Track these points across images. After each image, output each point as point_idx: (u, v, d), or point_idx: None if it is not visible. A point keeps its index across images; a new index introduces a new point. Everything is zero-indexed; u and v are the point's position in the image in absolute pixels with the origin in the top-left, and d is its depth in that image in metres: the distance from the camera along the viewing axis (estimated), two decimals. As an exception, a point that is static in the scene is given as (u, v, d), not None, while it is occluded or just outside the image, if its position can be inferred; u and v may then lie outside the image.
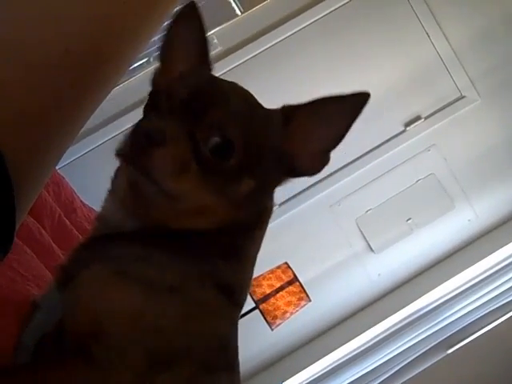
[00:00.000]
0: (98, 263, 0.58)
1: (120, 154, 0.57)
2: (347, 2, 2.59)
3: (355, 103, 0.63)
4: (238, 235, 0.65)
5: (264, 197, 0.67)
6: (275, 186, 0.68)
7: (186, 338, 0.57)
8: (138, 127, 0.57)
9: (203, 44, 0.70)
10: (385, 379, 2.29)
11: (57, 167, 0.58)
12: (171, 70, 0.68)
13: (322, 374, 2.51)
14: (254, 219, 0.67)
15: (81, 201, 1.35)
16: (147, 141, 0.55)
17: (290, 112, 0.66)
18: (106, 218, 0.66)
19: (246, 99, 0.65)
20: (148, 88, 0.68)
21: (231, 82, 0.67)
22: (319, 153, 0.66)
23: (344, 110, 0.64)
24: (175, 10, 0.64)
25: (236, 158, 0.59)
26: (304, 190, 2.59)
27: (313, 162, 0.66)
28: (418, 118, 2.68)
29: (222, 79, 0.67)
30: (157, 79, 0.68)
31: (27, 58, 0.43)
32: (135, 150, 0.55)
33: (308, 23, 2.60)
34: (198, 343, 0.58)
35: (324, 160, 0.66)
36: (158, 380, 0.54)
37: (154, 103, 0.62)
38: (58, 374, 0.52)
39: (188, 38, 0.68)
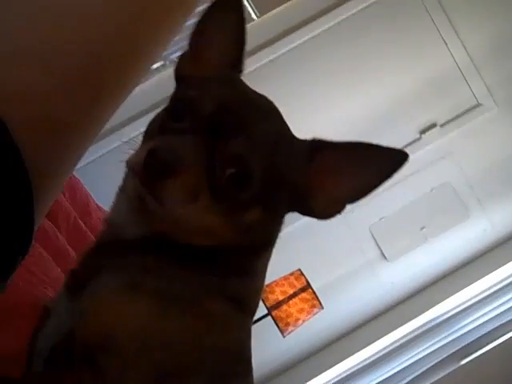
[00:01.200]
0: (109, 273, 0.58)
1: (131, 167, 0.55)
2: (364, 8, 2.58)
3: (392, 161, 0.57)
4: (246, 255, 0.63)
5: (270, 224, 0.64)
6: (283, 216, 0.64)
7: (196, 352, 0.56)
8: (155, 146, 0.53)
9: (239, 43, 0.65)
10: (397, 389, 2.28)
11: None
12: (200, 62, 0.64)
13: (334, 383, 2.50)
14: (263, 240, 0.64)
15: (96, 203, 1.35)
16: (163, 166, 0.52)
17: (318, 147, 0.61)
18: (114, 220, 0.65)
19: (275, 123, 0.61)
20: (163, 92, 0.66)
21: (261, 98, 0.63)
22: (336, 200, 0.61)
23: (378, 164, 0.58)
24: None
25: (252, 190, 0.57)
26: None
27: (326, 208, 0.61)
28: (433, 126, 2.66)
29: (252, 92, 0.63)
30: (182, 67, 0.65)
31: (48, 61, 0.43)
32: (149, 171, 0.53)
33: (324, 29, 2.59)
34: (209, 355, 0.57)
35: (339, 209, 0.61)
36: None
37: (178, 111, 0.58)
38: None
39: (225, 30, 0.64)
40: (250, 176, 0.56)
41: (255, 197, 0.57)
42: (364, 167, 0.59)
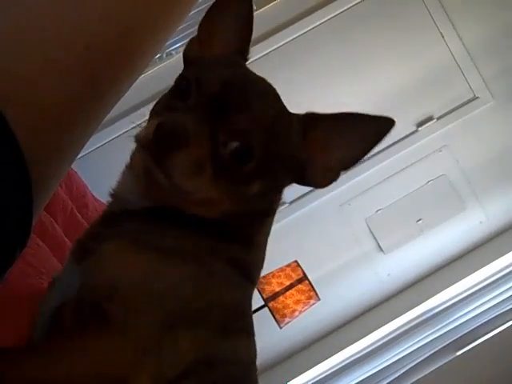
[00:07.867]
0: (113, 237, 0.60)
1: (139, 141, 0.58)
2: (360, 1, 2.58)
3: (380, 128, 0.62)
4: (248, 223, 0.67)
5: (271, 194, 0.68)
6: (283, 187, 0.69)
7: (201, 301, 0.59)
8: (163, 121, 0.56)
9: (247, 29, 0.69)
10: (393, 380, 2.29)
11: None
12: (207, 46, 0.68)
13: (330, 374, 2.51)
14: (263, 210, 0.68)
15: (92, 195, 1.35)
16: (171, 139, 0.55)
17: (312, 121, 0.66)
18: (119, 193, 0.67)
19: (274, 102, 0.65)
20: (159, 84, 0.68)
21: (261, 80, 0.67)
22: (332, 169, 0.65)
23: (368, 132, 0.63)
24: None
25: (253, 164, 0.60)
26: (314, 189, 2.58)
27: (323, 176, 0.66)
28: (430, 119, 2.66)
29: (253, 74, 0.67)
30: (190, 50, 0.69)
31: (48, 53, 0.43)
32: (157, 143, 0.56)
33: (321, 22, 2.59)
34: (214, 307, 0.60)
35: (334, 177, 0.66)
36: (180, 336, 0.55)
37: (183, 90, 0.61)
38: (79, 342, 0.53)
39: (233, 17, 0.68)
40: (251, 150, 0.60)
41: (256, 170, 0.61)
42: (356, 137, 0.64)
